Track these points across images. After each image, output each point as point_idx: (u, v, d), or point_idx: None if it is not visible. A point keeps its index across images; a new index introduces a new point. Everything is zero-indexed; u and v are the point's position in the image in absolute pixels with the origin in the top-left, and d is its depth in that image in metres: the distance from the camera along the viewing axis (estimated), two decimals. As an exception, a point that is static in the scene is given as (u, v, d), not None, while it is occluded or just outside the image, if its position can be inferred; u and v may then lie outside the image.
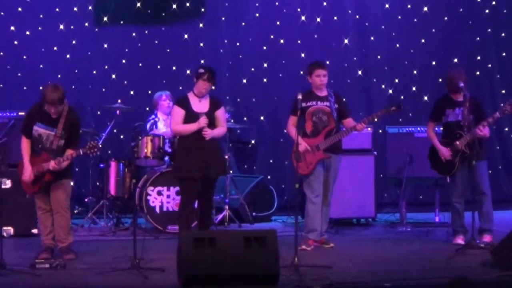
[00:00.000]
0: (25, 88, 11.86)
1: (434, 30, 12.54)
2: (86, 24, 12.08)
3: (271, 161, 12.36)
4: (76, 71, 11.94)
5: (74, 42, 12.05)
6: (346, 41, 12.44)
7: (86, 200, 11.00)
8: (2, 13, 11.92)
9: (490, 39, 12.61)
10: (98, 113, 11.88)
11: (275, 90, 12.19)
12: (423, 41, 12.56)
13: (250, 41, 12.36)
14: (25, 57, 11.95)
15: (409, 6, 12.54)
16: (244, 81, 12.36)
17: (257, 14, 12.36)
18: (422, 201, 12.10)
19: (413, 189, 11.90)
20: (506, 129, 12.64)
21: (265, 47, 12.39)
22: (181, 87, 11.49)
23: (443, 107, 9.31)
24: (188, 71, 11.96)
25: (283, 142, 11.82)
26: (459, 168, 9.15)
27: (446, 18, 12.54)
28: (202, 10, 12.30)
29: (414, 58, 12.58)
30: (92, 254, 8.83)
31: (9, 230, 9.79)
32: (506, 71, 12.64)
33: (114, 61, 12.14)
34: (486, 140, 9.36)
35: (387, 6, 12.47)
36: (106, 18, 12.08)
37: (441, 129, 9.55)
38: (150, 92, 11.61)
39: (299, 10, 12.39)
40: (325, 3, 12.44)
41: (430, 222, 10.88)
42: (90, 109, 11.78)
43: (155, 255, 8.55)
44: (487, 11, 12.58)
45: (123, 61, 12.16)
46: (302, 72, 11.31)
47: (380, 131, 11.73)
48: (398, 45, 12.56)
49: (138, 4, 12.13)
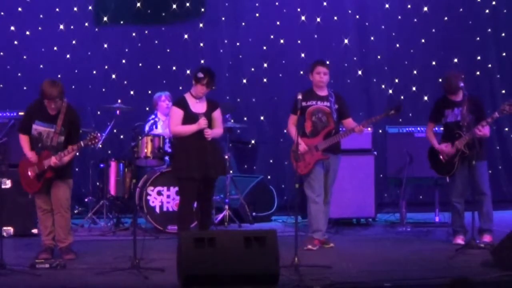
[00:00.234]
0: (25, 88, 11.86)
1: (434, 30, 12.55)
2: (86, 24, 12.08)
3: (271, 161, 12.36)
4: (76, 71, 11.95)
5: (74, 42, 12.06)
6: (346, 41, 12.44)
7: (86, 200, 11.00)
8: (2, 13, 11.93)
9: (490, 39, 12.61)
10: (98, 113, 11.88)
11: (275, 90, 12.19)
12: (423, 41, 12.57)
13: (250, 41, 12.36)
14: (25, 57, 11.96)
15: (409, 6, 12.54)
16: (244, 81, 12.36)
17: (257, 14, 12.37)
18: (422, 201, 12.11)
19: (413, 189, 11.90)
20: (506, 129, 12.64)
21: (265, 47, 12.39)
22: (181, 87, 11.50)
23: (442, 108, 9.30)
24: (188, 71, 11.96)
25: (283, 142, 11.83)
26: (459, 168, 9.14)
27: (446, 18, 12.55)
28: (202, 10, 12.30)
29: (414, 58, 12.58)
30: (92, 254, 8.83)
31: (9, 230, 9.79)
32: (506, 71, 12.64)
33: (114, 61, 12.15)
34: (486, 140, 9.36)
35: (387, 6, 12.47)
36: (106, 18, 12.08)
37: (441, 129, 9.56)
38: (150, 92, 11.61)
39: (299, 10, 12.39)
40: (325, 3, 12.44)
41: (430, 222, 10.87)
42: (90, 109, 11.78)
43: (155, 255, 8.55)
44: (487, 11, 12.58)
45: (123, 61, 12.17)
46: (302, 72, 11.32)
47: (380, 131, 11.73)
48: (398, 45, 12.56)
49: (138, 4, 12.13)
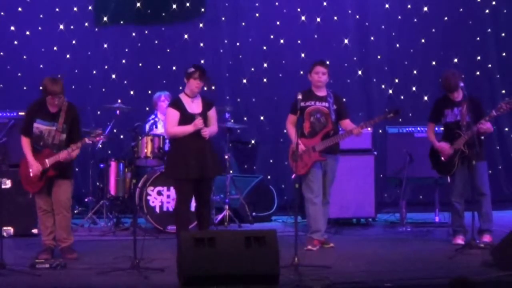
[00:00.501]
0: (25, 88, 11.87)
1: (434, 30, 12.54)
2: (86, 24, 12.09)
3: (271, 161, 12.36)
4: (76, 71, 11.95)
5: (74, 42, 12.06)
6: (346, 41, 12.44)
7: (86, 200, 11.00)
8: (2, 13, 11.94)
9: (490, 39, 12.60)
10: (98, 113, 11.88)
11: (275, 90, 12.19)
12: (423, 41, 12.56)
13: (250, 41, 12.36)
14: (25, 57, 11.97)
15: (409, 6, 12.54)
16: (244, 81, 12.36)
17: (257, 14, 12.37)
18: (422, 201, 12.10)
19: (413, 189, 11.89)
20: (506, 129, 12.63)
21: (265, 47, 12.39)
22: (181, 87, 11.42)
23: (441, 108, 9.30)
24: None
25: (283, 142, 11.82)
26: (459, 168, 9.14)
27: (446, 18, 12.54)
28: (202, 10, 12.30)
29: (414, 58, 12.57)
30: (92, 254, 8.83)
31: (9, 230, 9.79)
32: (506, 71, 12.63)
33: (114, 61, 12.15)
34: (486, 140, 9.36)
35: (387, 6, 12.47)
36: (106, 18, 12.09)
37: (441, 129, 9.56)
38: (150, 92, 11.62)
39: (299, 10, 12.39)
40: (325, 3, 12.44)
41: (430, 222, 10.87)
42: (90, 109, 11.78)
43: (155, 255, 8.55)
44: (487, 11, 12.57)
45: (123, 61, 12.17)
46: (302, 72, 11.32)
47: (380, 131, 11.73)
48: (398, 45, 12.56)
49: (138, 4, 12.13)
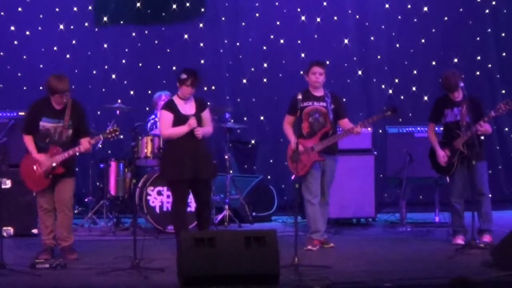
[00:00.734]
0: (25, 88, 11.87)
1: (434, 30, 12.54)
2: (86, 24, 12.09)
3: (271, 161, 12.36)
4: (76, 71, 11.95)
5: (74, 42, 12.06)
6: (346, 41, 12.44)
7: (86, 200, 11.00)
8: (2, 13, 11.94)
9: (490, 39, 12.60)
10: (98, 113, 11.88)
11: (275, 90, 12.19)
12: (423, 41, 12.56)
13: (250, 41, 12.36)
14: (25, 57, 11.97)
15: (409, 6, 12.54)
16: (244, 81, 12.36)
17: (257, 14, 12.37)
18: (422, 201, 12.10)
19: (413, 189, 11.89)
20: (506, 129, 12.63)
21: (265, 47, 12.39)
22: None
23: (442, 108, 9.31)
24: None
25: (283, 142, 11.78)
26: (458, 168, 9.14)
27: (446, 18, 12.54)
28: (202, 10, 12.30)
29: (414, 58, 12.57)
30: (92, 254, 8.83)
31: (9, 230, 9.78)
32: (506, 71, 12.63)
33: (114, 61, 12.15)
34: (486, 140, 9.36)
35: (387, 6, 12.47)
36: (106, 18, 12.09)
37: (441, 129, 9.56)
38: (150, 92, 11.61)
39: (299, 10, 12.39)
40: (325, 3, 12.44)
41: (430, 222, 10.87)
42: (90, 109, 11.76)
43: (155, 255, 8.55)
44: (487, 11, 12.57)
45: (123, 61, 12.17)
46: (302, 72, 11.31)
47: (380, 131, 11.73)
48: (398, 45, 12.56)
49: (138, 4, 12.13)
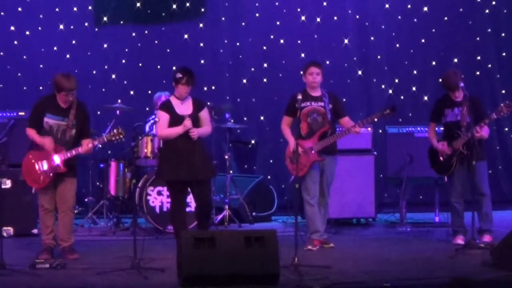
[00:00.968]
0: (25, 88, 11.88)
1: (434, 30, 12.55)
2: (86, 24, 12.09)
3: (271, 161, 12.36)
4: (76, 71, 11.92)
5: (74, 42, 12.07)
6: (346, 41, 12.44)
7: (86, 200, 11.00)
8: (2, 13, 11.94)
9: (490, 39, 12.61)
10: (98, 113, 11.87)
11: (275, 90, 12.18)
12: (423, 41, 12.57)
13: (250, 41, 12.36)
14: (25, 57, 11.97)
15: (409, 6, 12.54)
16: (244, 81, 12.37)
17: (257, 14, 12.37)
18: (422, 201, 12.10)
19: (413, 189, 11.88)
20: (506, 129, 12.64)
21: (265, 47, 12.40)
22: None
23: (442, 108, 9.31)
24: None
25: (283, 142, 11.76)
26: (457, 168, 9.14)
27: (446, 18, 12.55)
28: (202, 10, 12.30)
29: (414, 58, 12.58)
30: (92, 254, 8.83)
31: (9, 230, 9.79)
32: (506, 71, 12.64)
33: (114, 61, 12.16)
34: (486, 140, 9.36)
35: (387, 6, 12.47)
36: (106, 18, 12.09)
37: (441, 129, 9.56)
38: (150, 92, 11.61)
39: (299, 10, 12.39)
40: (325, 3, 12.45)
41: (430, 222, 10.88)
42: (90, 109, 11.74)
43: (155, 255, 8.55)
44: (487, 11, 12.58)
45: (123, 61, 12.17)
46: (302, 72, 11.32)
47: (380, 131, 11.73)
48: (398, 45, 12.57)
49: (138, 4, 12.14)
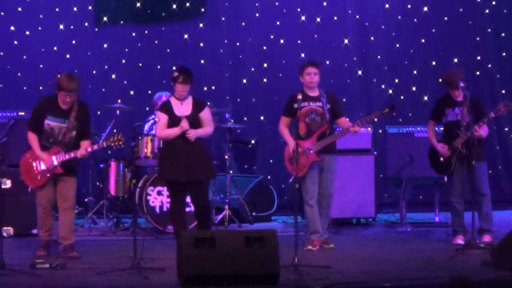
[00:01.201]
0: (25, 88, 11.88)
1: (434, 30, 12.55)
2: (86, 24, 12.09)
3: (271, 161, 12.36)
4: (76, 71, 11.90)
5: (74, 42, 12.07)
6: (346, 41, 12.44)
7: (86, 200, 10.99)
8: (2, 13, 11.94)
9: (490, 39, 12.61)
10: (98, 113, 11.88)
11: (275, 90, 12.17)
12: (423, 41, 12.57)
13: (250, 41, 12.36)
14: (25, 57, 11.98)
15: (409, 6, 12.54)
16: (244, 81, 12.37)
17: (257, 14, 12.37)
18: (422, 201, 12.10)
19: (413, 189, 11.88)
20: (506, 129, 12.64)
21: (265, 47, 12.40)
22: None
23: (443, 107, 9.31)
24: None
25: (283, 142, 11.78)
26: (457, 168, 9.14)
27: (446, 18, 12.55)
28: (202, 10, 12.30)
29: (414, 58, 12.58)
30: (92, 254, 8.83)
31: (9, 230, 9.78)
32: (506, 71, 12.64)
33: (114, 61, 12.16)
34: (486, 140, 9.37)
35: (387, 6, 12.47)
36: (106, 18, 12.09)
37: (441, 129, 9.56)
38: (150, 92, 11.61)
39: (299, 10, 12.39)
40: (325, 3, 12.45)
41: (430, 222, 10.88)
42: (90, 109, 11.74)
43: (155, 255, 8.54)
44: (487, 11, 12.58)
45: (123, 61, 12.18)
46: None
47: (380, 131, 11.74)
48: (398, 45, 12.57)
49: (138, 4, 12.14)
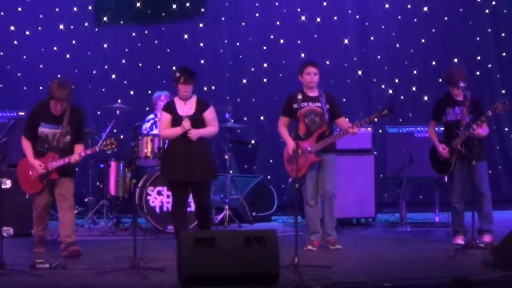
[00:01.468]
0: (25, 88, 11.88)
1: (434, 30, 12.55)
2: (86, 24, 12.09)
3: (271, 161, 12.35)
4: (76, 71, 11.95)
5: (74, 42, 12.07)
6: (346, 41, 12.44)
7: (86, 200, 10.99)
8: (2, 13, 11.94)
9: (490, 39, 12.61)
10: (98, 113, 11.89)
11: (275, 90, 12.16)
12: (423, 41, 12.57)
13: (250, 41, 12.36)
14: (25, 57, 11.97)
15: (409, 6, 12.54)
16: (244, 81, 12.36)
17: (257, 14, 12.37)
18: (422, 201, 12.10)
19: (413, 189, 11.90)
20: (506, 129, 12.64)
21: (265, 47, 12.40)
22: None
23: (443, 106, 9.32)
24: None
25: (283, 142, 11.79)
26: (457, 168, 9.14)
27: (446, 18, 12.55)
28: (202, 10, 12.30)
29: (414, 58, 12.58)
30: (92, 254, 8.83)
31: (9, 230, 9.78)
32: (506, 71, 12.64)
33: (114, 61, 12.16)
34: (486, 140, 9.37)
35: (387, 6, 12.47)
36: (106, 18, 12.09)
37: (441, 129, 9.57)
38: (150, 92, 11.60)
39: (299, 10, 12.39)
40: (325, 3, 12.44)
41: (430, 222, 10.87)
42: (90, 109, 11.78)
43: (155, 255, 8.54)
44: (487, 11, 12.58)
45: (123, 61, 12.17)
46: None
47: (380, 131, 11.73)
48: (398, 45, 12.57)
49: (138, 4, 12.13)
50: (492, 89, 12.57)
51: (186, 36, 12.26)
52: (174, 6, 12.21)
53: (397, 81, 12.59)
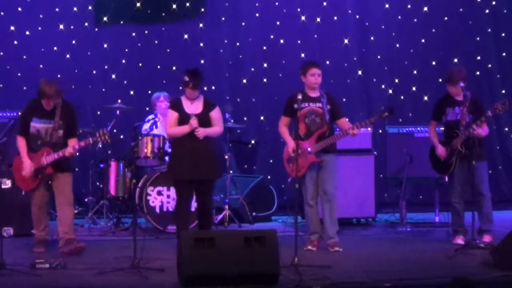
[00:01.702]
0: (25, 88, 11.87)
1: (434, 30, 12.55)
2: (86, 24, 12.09)
3: (271, 161, 12.35)
4: (76, 71, 11.95)
5: (74, 42, 12.07)
6: (346, 41, 12.44)
7: (86, 200, 11.00)
8: (2, 13, 11.94)
9: (490, 39, 12.61)
10: (98, 113, 11.89)
11: (275, 90, 12.17)
12: (423, 41, 12.57)
13: (250, 41, 12.36)
14: (25, 57, 11.98)
15: (409, 6, 12.54)
16: (244, 81, 12.37)
17: (257, 14, 12.37)
18: (422, 201, 12.10)
19: (413, 189, 11.90)
20: (506, 129, 12.64)
21: (265, 47, 12.40)
22: (181, 87, 11.47)
23: (444, 106, 9.33)
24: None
25: (283, 142, 11.79)
26: (457, 167, 9.14)
27: (446, 18, 12.55)
28: (202, 10, 12.30)
29: (414, 58, 12.58)
30: (92, 254, 8.83)
31: (9, 230, 9.79)
32: (506, 71, 12.65)
33: (114, 61, 12.16)
34: (486, 140, 9.37)
35: (387, 6, 12.47)
36: (106, 18, 12.09)
37: (441, 129, 9.57)
38: (150, 92, 11.59)
39: (299, 10, 12.39)
40: (325, 3, 12.45)
41: (430, 222, 10.88)
42: (90, 109, 11.78)
43: (155, 255, 8.54)
44: (487, 11, 12.58)
45: (123, 61, 12.17)
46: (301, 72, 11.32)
47: (380, 131, 11.73)
48: (398, 45, 12.57)
49: (138, 4, 12.14)
50: (492, 89, 12.57)
51: (186, 36, 12.26)
52: (174, 6, 12.21)
53: (397, 81, 12.59)
